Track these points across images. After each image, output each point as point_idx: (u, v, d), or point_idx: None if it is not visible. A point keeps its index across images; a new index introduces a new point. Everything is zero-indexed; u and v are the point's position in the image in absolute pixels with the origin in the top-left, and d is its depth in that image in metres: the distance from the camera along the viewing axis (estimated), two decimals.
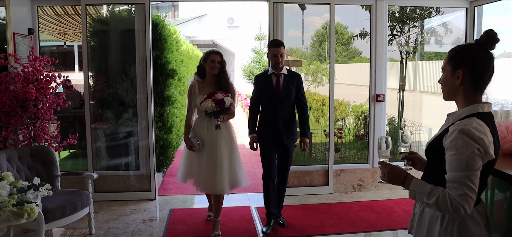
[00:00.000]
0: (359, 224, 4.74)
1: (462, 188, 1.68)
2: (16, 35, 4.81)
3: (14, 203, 2.97)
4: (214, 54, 4.35)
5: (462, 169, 1.69)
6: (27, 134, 4.66)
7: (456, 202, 1.68)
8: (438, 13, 6.69)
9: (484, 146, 1.68)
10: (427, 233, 1.90)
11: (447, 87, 1.88)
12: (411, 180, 1.86)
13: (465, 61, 1.79)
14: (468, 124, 1.71)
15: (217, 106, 4.06)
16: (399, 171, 1.93)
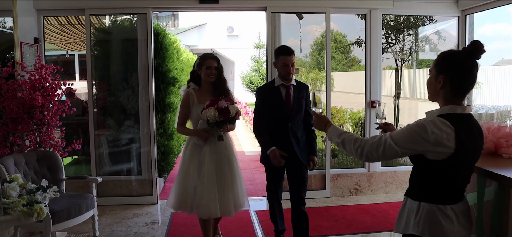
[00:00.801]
0: (355, 226, 4.89)
1: (379, 143, 2.01)
2: (23, 44, 4.98)
3: (24, 203, 3.12)
4: (210, 59, 3.82)
5: (395, 135, 1.98)
6: (33, 139, 4.82)
7: (361, 145, 2.06)
8: (431, 22, 6.88)
9: (434, 138, 1.87)
10: (405, 225, 2.08)
11: (431, 89, 2.05)
12: (330, 126, 2.34)
13: (448, 68, 1.95)
14: (427, 118, 1.95)
15: (221, 115, 3.54)
16: (323, 119, 2.42)
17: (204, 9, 5.80)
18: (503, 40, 33.31)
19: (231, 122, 3.69)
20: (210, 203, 3.70)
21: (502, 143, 2.56)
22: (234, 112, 3.62)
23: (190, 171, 3.79)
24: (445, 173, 1.95)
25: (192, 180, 3.77)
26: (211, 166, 3.75)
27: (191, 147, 3.85)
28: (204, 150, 3.78)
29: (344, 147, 2.17)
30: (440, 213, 1.97)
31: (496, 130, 2.62)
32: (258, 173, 7.67)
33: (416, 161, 2.04)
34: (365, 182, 6.13)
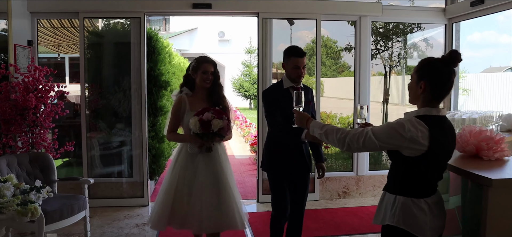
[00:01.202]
0: (343, 228, 4.99)
1: (360, 134, 2.17)
2: (16, 46, 5.02)
3: (18, 203, 3.18)
4: (207, 63, 3.50)
5: (375, 130, 2.15)
6: (26, 140, 4.86)
7: (344, 135, 2.23)
8: (419, 29, 7.03)
9: (410, 135, 2.05)
10: (383, 217, 2.27)
11: (411, 93, 2.23)
12: (312, 121, 2.52)
13: (429, 75, 2.13)
14: (406, 118, 2.13)
15: (201, 128, 3.23)
16: (304, 115, 2.61)
17: (197, 14, 5.90)
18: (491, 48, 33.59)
19: (212, 138, 3.31)
20: (204, 217, 3.32)
21: (483, 146, 2.67)
22: (217, 127, 3.22)
23: (181, 182, 3.41)
24: (419, 169, 2.13)
25: (184, 192, 3.40)
26: (204, 177, 3.39)
27: (183, 156, 3.48)
28: (197, 159, 3.42)
29: (327, 137, 2.34)
30: (414, 206, 2.15)
31: (478, 133, 2.74)
32: (248, 176, 7.75)
33: (394, 157, 2.22)
34: (354, 185, 6.24)
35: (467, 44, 26.39)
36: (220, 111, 3.32)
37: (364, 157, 6.27)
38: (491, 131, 2.77)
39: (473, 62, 29.59)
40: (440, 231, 2.25)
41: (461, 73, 13.75)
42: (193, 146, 3.41)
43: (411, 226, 2.15)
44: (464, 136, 2.78)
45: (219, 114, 3.27)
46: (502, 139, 2.70)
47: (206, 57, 3.59)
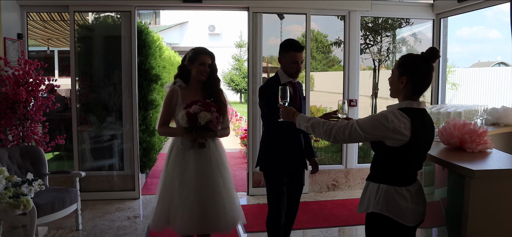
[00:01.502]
0: (332, 220, 5.07)
1: (346, 126, 2.28)
2: (6, 40, 5.01)
3: (11, 195, 3.20)
4: (205, 54, 3.29)
5: (360, 122, 2.27)
6: (17, 134, 4.87)
7: (330, 127, 2.34)
8: (408, 24, 7.12)
9: (393, 126, 2.16)
10: (367, 205, 2.37)
11: (393, 87, 2.33)
12: (298, 114, 2.61)
13: (410, 70, 2.24)
14: (389, 110, 2.24)
15: (188, 121, 3.04)
16: (290, 109, 2.70)
17: (187, 8, 5.92)
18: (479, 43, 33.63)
19: (201, 131, 3.08)
20: (188, 217, 3.16)
21: (466, 138, 2.75)
22: (204, 120, 3.00)
23: (174, 179, 3.25)
24: (401, 158, 2.24)
25: (173, 189, 3.24)
26: (194, 174, 3.19)
27: (175, 152, 3.31)
28: (188, 155, 3.23)
29: (313, 129, 2.46)
30: (396, 193, 2.26)
31: (462, 126, 2.81)
32: (239, 169, 7.81)
33: (377, 148, 2.34)
34: (343, 178, 6.33)
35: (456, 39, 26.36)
36: (209, 104, 3.09)
37: (353, 150, 6.35)
38: (475, 124, 2.85)
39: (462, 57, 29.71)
40: (421, 217, 2.37)
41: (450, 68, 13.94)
42: (184, 140, 3.22)
43: (394, 213, 2.26)
44: (449, 129, 2.86)
45: (207, 106, 3.05)
46: (485, 132, 2.79)
47: (204, 48, 3.36)
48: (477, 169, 2.30)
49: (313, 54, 13.10)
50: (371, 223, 2.38)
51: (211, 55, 3.32)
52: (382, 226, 2.31)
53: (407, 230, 2.30)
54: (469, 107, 3.61)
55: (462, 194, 2.35)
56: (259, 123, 5.96)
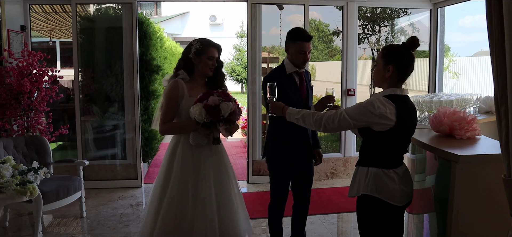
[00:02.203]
0: (329, 207, 5.19)
1: (335, 115, 2.41)
2: (10, 32, 5.11)
3: (18, 182, 3.32)
4: (213, 47, 3.02)
5: (348, 110, 2.39)
6: (22, 124, 4.98)
7: (320, 117, 2.47)
8: (406, 14, 7.19)
9: (379, 112, 2.29)
10: (357, 188, 2.51)
11: (378, 77, 2.46)
12: (287, 109, 2.69)
13: (395, 59, 2.37)
14: (374, 97, 2.37)
15: (208, 115, 2.73)
16: (279, 104, 2.77)
17: None
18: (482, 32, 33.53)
19: (227, 123, 2.81)
20: (207, 222, 2.86)
21: (455, 125, 2.86)
22: (227, 112, 2.73)
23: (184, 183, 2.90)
24: (388, 142, 2.38)
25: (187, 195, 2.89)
26: (210, 175, 2.92)
27: (181, 152, 2.94)
28: (201, 153, 2.93)
29: (304, 120, 2.58)
30: (384, 175, 2.39)
31: (451, 114, 2.92)
32: (239, 158, 7.94)
33: (365, 134, 2.47)
34: (341, 166, 6.44)
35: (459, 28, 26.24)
36: (227, 93, 2.86)
37: (351, 139, 6.45)
38: (464, 112, 2.95)
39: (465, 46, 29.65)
40: (409, 198, 2.51)
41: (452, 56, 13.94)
42: (197, 136, 2.88)
43: (383, 194, 2.39)
44: (439, 117, 2.96)
45: (226, 96, 2.81)
46: (473, 119, 2.89)
47: (210, 40, 3.08)
48: (462, 154, 2.41)
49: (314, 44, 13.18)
50: (362, 206, 2.52)
51: (218, 48, 3.07)
52: (373, 207, 2.45)
53: (396, 209, 2.44)
54: (462, 95, 3.70)
55: (449, 179, 2.46)
56: (258, 112, 6.07)
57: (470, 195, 2.41)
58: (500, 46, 1.49)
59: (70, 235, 4.40)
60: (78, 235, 4.44)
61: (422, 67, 6.69)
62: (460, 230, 2.45)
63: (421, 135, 3.06)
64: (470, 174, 2.40)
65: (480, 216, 2.44)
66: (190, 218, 2.85)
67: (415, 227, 3.34)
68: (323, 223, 4.69)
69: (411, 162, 3.30)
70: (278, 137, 3.37)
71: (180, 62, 3.06)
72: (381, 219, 2.48)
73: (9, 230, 4.46)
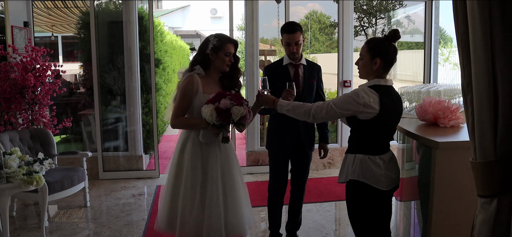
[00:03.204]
0: (325, 195, 5.34)
1: (323, 106, 2.56)
2: (13, 28, 5.26)
3: (24, 173, 3.49)
4: (230, 43, 2.99)
5: (335, 100, 2.54)
6: (26, 117, 5.15)
7: (309, 108, 2.61)
8: (401, 6, 7.31)
9: (364, 101, 2.44)
10: (345, 174, 2.66)
11: (365, 69, 2.59)
12: (278, 100, 2.80)
13: (381, 52, 2.51)
14: (359, 88, 2.52)
15: (219, 118, 2.71)
16: (269, 97, 2.86)
17: None
18: None
19: (237, 126, 2.86)
20: (213, 220, 2.91)
21: (439, 114, 3.00)
22: (238, 116, 2.71)
23: (191, 180, 2.94)
24: (373, 130, 2.52)
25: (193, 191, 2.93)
26: (218, 172, 2.94)
27: (191, 147, 2.97)
28: (209, 150, 2.94)
29: (294, 112, 2.70)
30: (370, 161, 2.54)
31: (436, 103, 3.06)
32: (238, 149, 8.09)
33: (352, 123, 2.61)
34: (338, 156, 6.59)
35: None
36: (239, 96, 2.81)
37: (348, 129, 6.56)
38: (449, 102, 3.09)
39: None
40: (395, 183, 2.65)
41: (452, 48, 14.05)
42: (207, 134, 2.88)
43: (368, 179, 2.54)
44: (424, 106, 3.10)
45: (238, 100, 2.75)
46: (457, 109, 3.02)
47: (228, 36, 3.07)
48: (442, 141, 2.55)
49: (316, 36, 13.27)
50: (350, 190, 2.68)
51: (235, 44, 3.03)
52: (360, 192, 2.59)
53: (382, 194, 2.58)
54: (451, 86, 3.83)
55: (430, 166, 2.61)
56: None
57: (450, 180, 2.55)
58: (466, 39, 1.62)
59: (74, 224, 4.57)
60: (82, 223, 4.61)
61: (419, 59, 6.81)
62: (441, 214, 2.60)
63: (409, 124, 3.20)
64: (450, 160, 2.54)
65: (460, 200, 2.58)
66: (198, 213, 2.90)
67: (404, 214, 3.48)
68: (319, 210, 4.85)
69: (400, 151, 3.43)
70: (272, 126, 3.60)
71: (196, 57, 3.03)
72: (368, 203, 2.62)
73: (16, 219, 4.64)
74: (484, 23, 1.52)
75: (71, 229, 4.40)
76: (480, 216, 1.72)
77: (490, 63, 1.56)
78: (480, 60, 1.57)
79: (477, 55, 1.57)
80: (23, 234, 4.26)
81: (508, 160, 1.63)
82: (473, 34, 1.56)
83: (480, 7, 1.52)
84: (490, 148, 1.64)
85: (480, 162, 1.68)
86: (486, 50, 1.55)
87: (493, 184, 1.66)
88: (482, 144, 1.66)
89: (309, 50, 11.76)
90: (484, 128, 1.64)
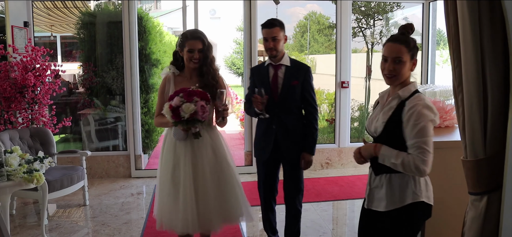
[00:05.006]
0: (323, 195, 5.39)
1: (422, 151, 2.08)
2: (13, 28, 5.30)
3: (25, 171, 3.53)
4: (194, 39, 2.95)
5: (420, 141, 2.09)
6: (26, 116, 5.19)
7: (418, 163, 2.09)
8: (399, 8, 7.36)
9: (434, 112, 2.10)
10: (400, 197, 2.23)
11: (406, 73, 2.22)
12: (381, 147, 2.22)
13: (416, 51, 2.22)
14: (424, 99, 2.14)
15: (173, 116, 2.74)
16: (369, 145, 2.29)
17: None
18: None
19: (190, 124, 2.76)
20: (183, 216, 2.92)
21: None
22: (187, 113, 2.67)
23: (167, 176, 3.02)
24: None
25: (165, 186, 3.02)
26: (187, 168, 2.94)
27: (167, 143, 3.06)
28: (180, 147, 2.97)
29: (404, 168, 2.16)
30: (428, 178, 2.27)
31: None
32: (237, 149, 8.15)
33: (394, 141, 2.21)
34: (336, 156, 6.64)
35: None
36: (192, 93, 2.74)
37: (345, 130, 6.64)
38: (443, 102, 3.14)
39: None
40: None
41: None
42: (177, 131, 2.90)
43: (429, 198, 2.25)
44: None
45: (189, 96, 2.71)
46: (452, 109, 3.08)
47: (193, 32, 3.06)
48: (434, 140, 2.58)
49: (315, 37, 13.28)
50: (407, 215, 2.24)
51: (201, 40, 2.96)
52: (422, 214, 2.27)
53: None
54: (446, 87, 3.88)
55: None
56: None
57: (442, 179, 2.60)
58: (456, 41, 1.68)
59: (74, 222, 4.60)
60: (81, 221, 4.65)
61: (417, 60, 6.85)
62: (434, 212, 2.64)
63: None
64: (442, 159, 2.59)
65: (452, 198, 2.63)
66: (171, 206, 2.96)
67: None
68: (316, 210, 4.89)
69: None
70: (256, 131, 3.52)
71: (172, 55, 3.15)
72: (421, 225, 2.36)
73: (16, 217, 4.68)
74: (474, 25, 1.57)
75: (70, 227, 4.44)
76: (471, 213, 1.77)
77: (480, 65, 1.61)
78: (470, 61, 1.62)
79: (467, 57, 1.62)
80: (23, 232, 4.30)
81: (497, 158, 1.68)
82: (464, 36, 1.62)
83: (470, 9, 1.57)
84: (480, 146, 1.69)
85: (470, 160, 1.73)
86: (476, 51, 1.60)
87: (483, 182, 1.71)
88: (472, 142, 1.71)
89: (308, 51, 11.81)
90: (474, 127, 1.69)
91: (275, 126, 3.29)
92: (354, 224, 4.66)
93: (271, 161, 3.45)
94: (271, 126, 3.31)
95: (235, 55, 24.93)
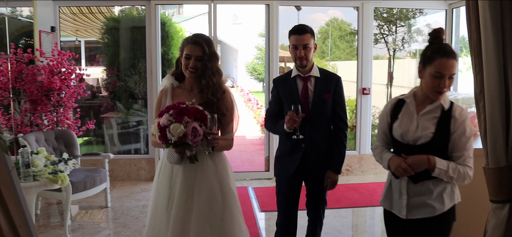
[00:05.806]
0: (343, 202, 5.36)
1: (470, 162, 2.21)
2: (41, 32, 5.45)
3: (50, 172, 3.62)
4: (192, 44, 2.48)
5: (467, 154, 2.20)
6: (51, 119, 5.32)
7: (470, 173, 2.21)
8: (421, 14, 7.30)
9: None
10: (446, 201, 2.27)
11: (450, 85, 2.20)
12: (435, 160, 2.17)
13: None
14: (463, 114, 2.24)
15: (160, 136, 2.28)
16: (421, 157, 2.20)
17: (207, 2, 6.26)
18: None
19: (180, 147, 2.31)
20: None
21: None
22: (175, 136, 2.20)
23: (158, 201, 2.57)
24: None
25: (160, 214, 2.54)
26: (181, 197, 2.47)
27: (163, 165, 2.59)
28: (175, 172, 2.51)
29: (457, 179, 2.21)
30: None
31: None
32: (258, 155, 8.17)
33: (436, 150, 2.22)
34: (356, 163, 6.60)
35: None
36: (183, 111, 2.26)
37: (366, 136, 6.60)
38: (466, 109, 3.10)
39: None
40: None
41: None
42: (171, 153, 2.44)
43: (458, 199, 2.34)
44: None
45: (179, 116, 2.24)
46: (474, 117, 3.03)
47: (195, 36, 2.55)
48: None
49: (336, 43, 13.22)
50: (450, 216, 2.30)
51: (201, 46, 2.47)
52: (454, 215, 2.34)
53: None
54: (469, 94, 3.83)
55: None
56: None
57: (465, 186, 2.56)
58: (478, 48, 1.67)
59: (96, 223, 4.69)
60: (103, 223, 4.74)
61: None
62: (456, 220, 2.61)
63: None
64: None
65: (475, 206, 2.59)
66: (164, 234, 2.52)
67: None
68: (336, 216, 4.87)
69: None
70: (278, 149, 3.14)
71: (175, 63, 2.68)
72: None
73: (40, 217, 4.80)
74: (496, 31, 1.57)
75: (92, 228, 4.52)
76: (492, 221, 1.75)
77: (502, 71, 1.60)
78: (492, 67, 1.61)
79: (489, 63, 1.61)
80: (46, 231, 4.40)
81: None
82: (485, 42, 1.61)
83: (492, 15, 1.56)
84: (502, 154, 1.68)
85: (492, 168, 1.72)
86: (498, 58, 1.59)
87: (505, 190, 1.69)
88: (494, 150, 1.70)
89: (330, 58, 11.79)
90: (496, 134, 1.68)
91: (304, 144, 2.91)
92: (374, 232, 4.63)
93: (296, 181, 3.06)
94: (299, 145, 2.91)
95: (256, 61, 25.04)
